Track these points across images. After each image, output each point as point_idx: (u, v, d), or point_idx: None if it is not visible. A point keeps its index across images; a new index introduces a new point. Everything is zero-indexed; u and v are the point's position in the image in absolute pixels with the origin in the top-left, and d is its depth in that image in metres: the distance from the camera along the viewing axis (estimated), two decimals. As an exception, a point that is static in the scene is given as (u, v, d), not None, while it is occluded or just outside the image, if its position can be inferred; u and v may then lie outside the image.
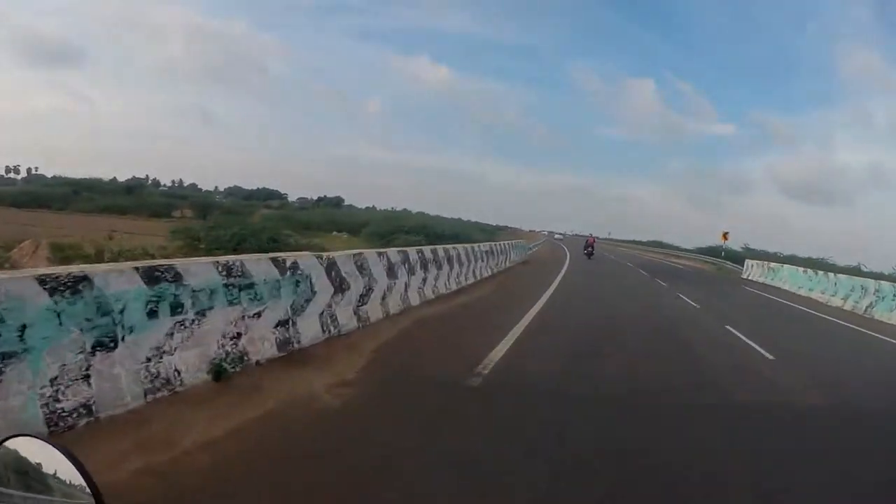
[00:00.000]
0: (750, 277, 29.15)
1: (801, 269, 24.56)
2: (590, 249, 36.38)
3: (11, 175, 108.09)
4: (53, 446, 1.01)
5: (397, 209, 69.89)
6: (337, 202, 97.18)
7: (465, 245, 14.21)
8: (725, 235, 40.92)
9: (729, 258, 37.86)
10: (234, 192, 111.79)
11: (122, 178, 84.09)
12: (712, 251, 45.43)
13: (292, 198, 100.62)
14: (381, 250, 8.29)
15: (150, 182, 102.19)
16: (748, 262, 31.76)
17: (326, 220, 49.47)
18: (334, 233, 42.11)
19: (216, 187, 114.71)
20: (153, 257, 11.31)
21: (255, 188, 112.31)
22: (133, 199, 50.10)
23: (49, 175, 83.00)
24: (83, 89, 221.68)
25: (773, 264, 28.08)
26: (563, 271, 21.95)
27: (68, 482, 0.99)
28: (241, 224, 18.01)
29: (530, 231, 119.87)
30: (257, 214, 52.50)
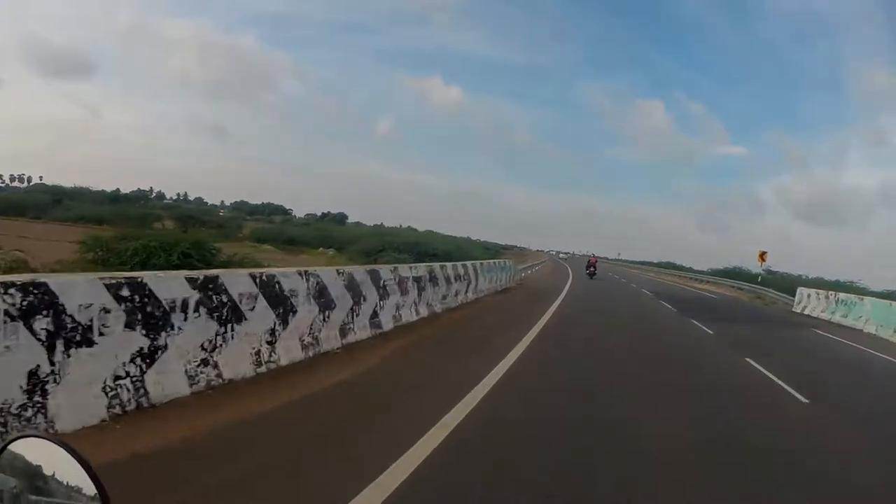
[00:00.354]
0: (807, 312, 21.96)
1: (891, 302, 17.44)
2: (592, 269, 35.79)
3: (15, 184, 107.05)
4: (60, 446, 0.99)
5: (403, 226, 67.70)
6: (341, 219, 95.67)
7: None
8: (763, 256, 33.36)
9: (765, 284, 32.65)
10: (239, 206, 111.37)
11: (127, 189, 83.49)
12: (733, 274, 41.67)
13: (299, 213, 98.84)
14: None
15: (153, 195, 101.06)
16: (802, 290, 24.38)
17: (318, 235, 46.54)
18: (321, 249, 39.21)
19: (222, 201, 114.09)
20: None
21: (259, 203, 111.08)
22: (115, 209, 47.66)
23: (55, 185, 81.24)
24: (95, 101, 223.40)
25: (841, 295, 20.85)
26: (555, 305, 15.51)
27: (74, 482, 0.98)
28: (158, 236, 14.89)
29: (537, 251, 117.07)
30: (247, 228, 50.08)
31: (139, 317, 4.01)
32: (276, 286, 5.56)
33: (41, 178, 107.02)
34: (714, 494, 3.75)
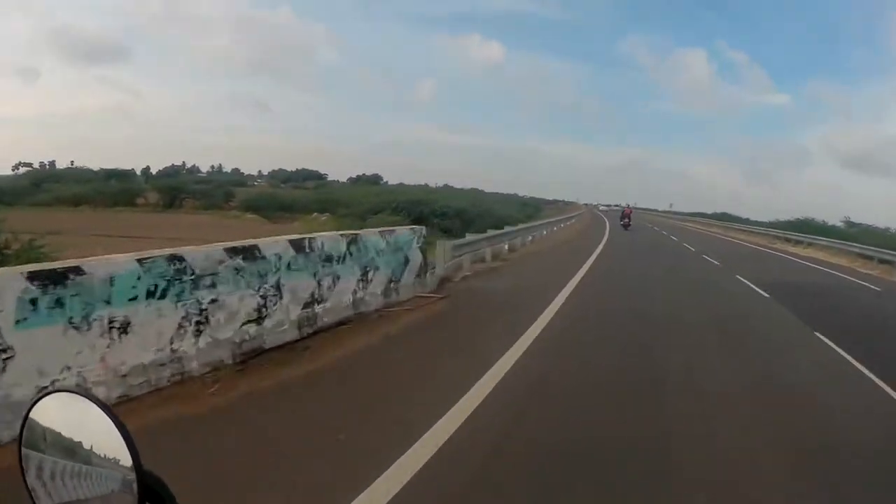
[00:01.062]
0: None
1: None
2: (626, 220, 36.21)
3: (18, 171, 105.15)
4: (93, 401, 0.96)
5: (436, 185, 64.03)
6: (375, 180, 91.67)
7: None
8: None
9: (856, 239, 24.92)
10: (276, 175, 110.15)
11: (162, 166, 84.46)
12: (808, 227, 33.64)
13: (341, 178, 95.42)
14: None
15: (185, 170, 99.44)
16: None
17: (318, 199, 41.03)
18: (314, 214, 33.90)
19: (259, 171, 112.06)
20: None
21: (294, 170, 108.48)
22: (97, 187, 43.34)
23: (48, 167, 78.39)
24: (131, 83, 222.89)
25: None
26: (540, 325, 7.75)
27: (106, 443, 0.94)
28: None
29: (584, 204, 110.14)
30: (242, 195, 44.96)
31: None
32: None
33: (72, 163, 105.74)
34: None
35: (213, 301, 5.02)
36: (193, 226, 25.22)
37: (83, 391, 1.02)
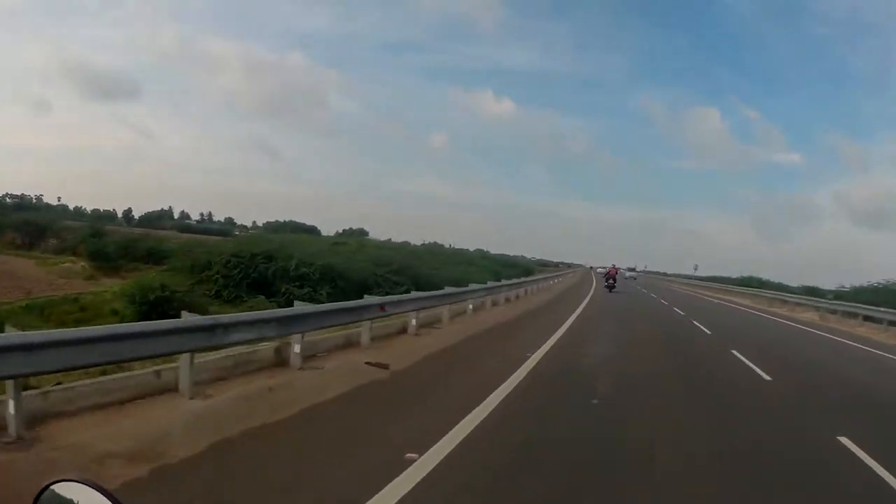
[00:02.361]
0: None
1: None
2: (611, 281, 34.23)
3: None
4: (98, 490, 1.03)
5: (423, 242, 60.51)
6: (360, 234, 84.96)
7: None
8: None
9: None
10: (269, 226, 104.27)
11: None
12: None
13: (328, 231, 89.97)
14: None
15: (175, 215, 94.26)
16: None
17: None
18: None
19: (254, 221, 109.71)
20: None
21: (284, 221, 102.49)
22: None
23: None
24: (139, 123, 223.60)
25: None
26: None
27: None
28: None
29: (590, 267, 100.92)
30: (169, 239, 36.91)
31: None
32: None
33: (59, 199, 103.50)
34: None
35: None
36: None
37: (90, 481, 1.07)
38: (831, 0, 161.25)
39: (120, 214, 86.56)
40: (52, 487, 1.04)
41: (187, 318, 5.71)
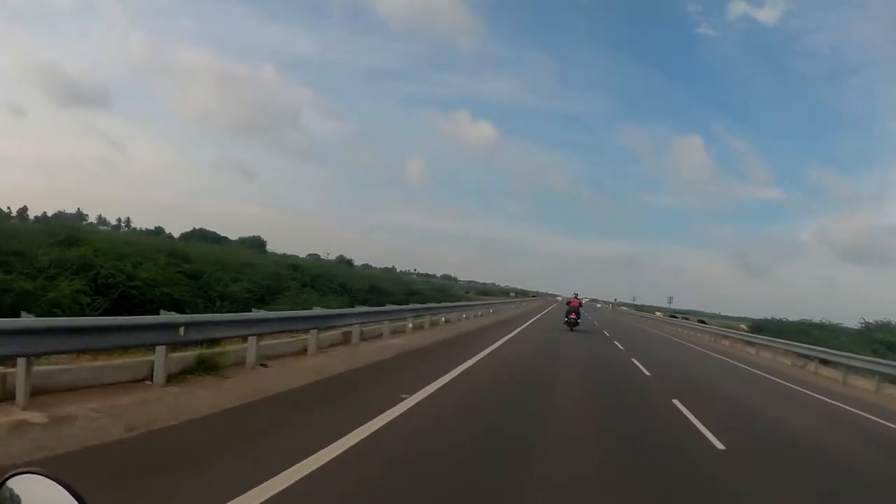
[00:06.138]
0: None
1: None
2: (573, 316, 26.95)
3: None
4: (57, 482, 1.04)
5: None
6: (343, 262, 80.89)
7: None
8: None
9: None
10: (185, 235, 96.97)
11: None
12: None
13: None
14: None
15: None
16: None
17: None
18: None
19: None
20: None
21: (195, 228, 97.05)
22: None
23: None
24: (109, 132, 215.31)
25: None
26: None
27: None
28: None
29: (559, 297, 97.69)
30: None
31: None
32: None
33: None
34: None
35: None
36: None
37: (50, 473, 1.07)
38: (813, 38, 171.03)
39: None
40: (12, 479, 1.05)
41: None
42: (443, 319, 22.57)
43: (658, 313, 78.75)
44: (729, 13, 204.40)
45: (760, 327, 36.05)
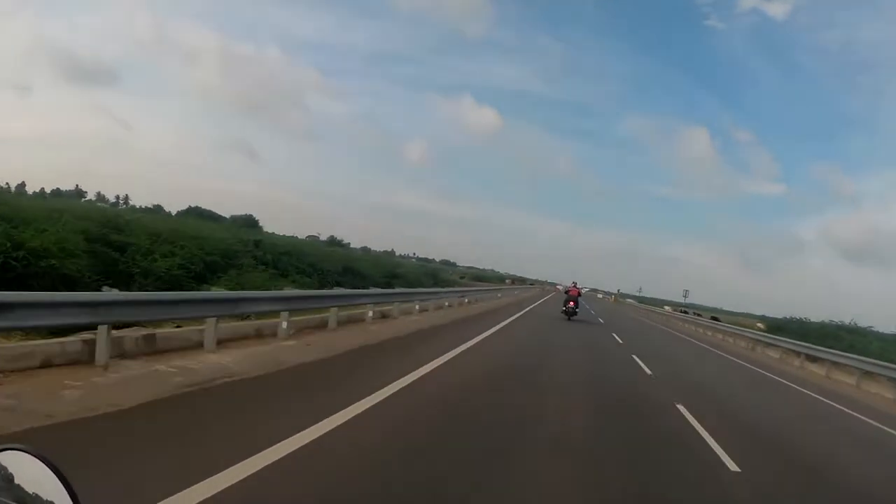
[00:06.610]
0: None
1: None
2: (571, 305, 26.10)
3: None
4: (41, 460, 1.04)
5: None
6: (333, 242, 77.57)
7: None
8: None
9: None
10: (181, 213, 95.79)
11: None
12: None
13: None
14: None
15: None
16: None
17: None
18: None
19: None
20: None
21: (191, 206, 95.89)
22: None
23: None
24: (111, 109, 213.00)
25: None
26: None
27: (53, 498, 1.02)
28: None
29: (557, 286, 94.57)
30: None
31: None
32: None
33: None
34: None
35: None
36: None
37: (32, 449, 1.07)
38: (823, 35, 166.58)
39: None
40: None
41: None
42: (416, 307, 19.60)
43: (667, 307, 71.14)
44: (739, 6, 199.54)
45: (780, 327, 33.03)
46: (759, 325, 40.27)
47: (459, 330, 15.83)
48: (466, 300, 27.73)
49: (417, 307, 19.60)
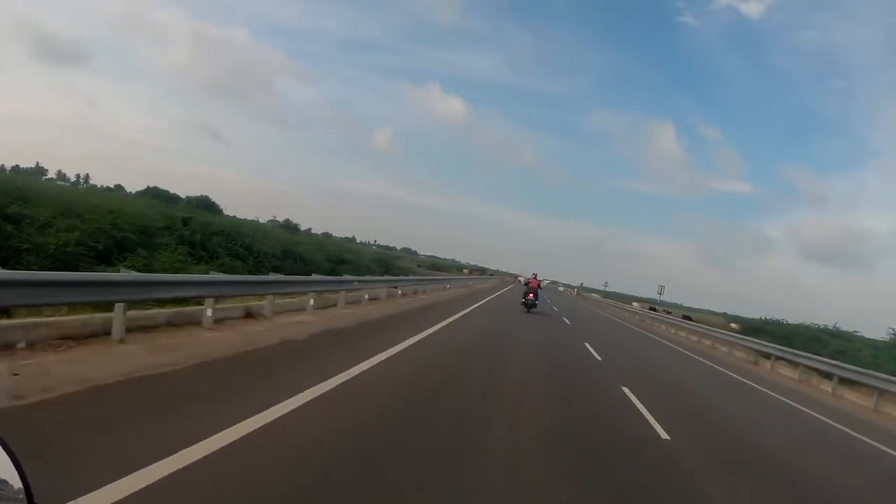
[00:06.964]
0: None
1: None
2: (531, 297, 26.35)
3: None
4: None
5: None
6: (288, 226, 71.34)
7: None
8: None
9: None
10: (148, 192, 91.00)
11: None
12: None
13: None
14: None
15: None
16: None
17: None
18: None
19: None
20: None
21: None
22: None
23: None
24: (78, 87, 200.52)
25: None
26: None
27: (4, 476, 1.01)
28: None
29: (517, 277, 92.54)
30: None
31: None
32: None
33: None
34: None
35: None
36: None
37: None
38: (798, 36, 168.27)
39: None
40: None
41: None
42: (366, 297, 17.58)
43: (635, 304, 63.56)
44: (713, 3, 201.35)
45: (757, 329, 32.19)
46: (732, 325, 39.17)
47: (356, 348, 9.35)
48: (400, 291, 23.07)
49: (366, 296, 17.59)
